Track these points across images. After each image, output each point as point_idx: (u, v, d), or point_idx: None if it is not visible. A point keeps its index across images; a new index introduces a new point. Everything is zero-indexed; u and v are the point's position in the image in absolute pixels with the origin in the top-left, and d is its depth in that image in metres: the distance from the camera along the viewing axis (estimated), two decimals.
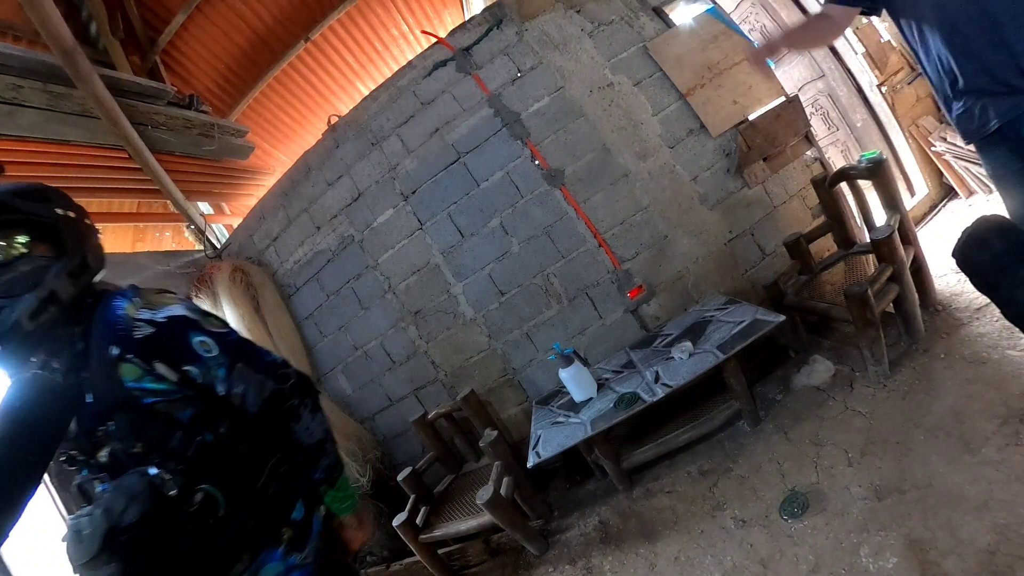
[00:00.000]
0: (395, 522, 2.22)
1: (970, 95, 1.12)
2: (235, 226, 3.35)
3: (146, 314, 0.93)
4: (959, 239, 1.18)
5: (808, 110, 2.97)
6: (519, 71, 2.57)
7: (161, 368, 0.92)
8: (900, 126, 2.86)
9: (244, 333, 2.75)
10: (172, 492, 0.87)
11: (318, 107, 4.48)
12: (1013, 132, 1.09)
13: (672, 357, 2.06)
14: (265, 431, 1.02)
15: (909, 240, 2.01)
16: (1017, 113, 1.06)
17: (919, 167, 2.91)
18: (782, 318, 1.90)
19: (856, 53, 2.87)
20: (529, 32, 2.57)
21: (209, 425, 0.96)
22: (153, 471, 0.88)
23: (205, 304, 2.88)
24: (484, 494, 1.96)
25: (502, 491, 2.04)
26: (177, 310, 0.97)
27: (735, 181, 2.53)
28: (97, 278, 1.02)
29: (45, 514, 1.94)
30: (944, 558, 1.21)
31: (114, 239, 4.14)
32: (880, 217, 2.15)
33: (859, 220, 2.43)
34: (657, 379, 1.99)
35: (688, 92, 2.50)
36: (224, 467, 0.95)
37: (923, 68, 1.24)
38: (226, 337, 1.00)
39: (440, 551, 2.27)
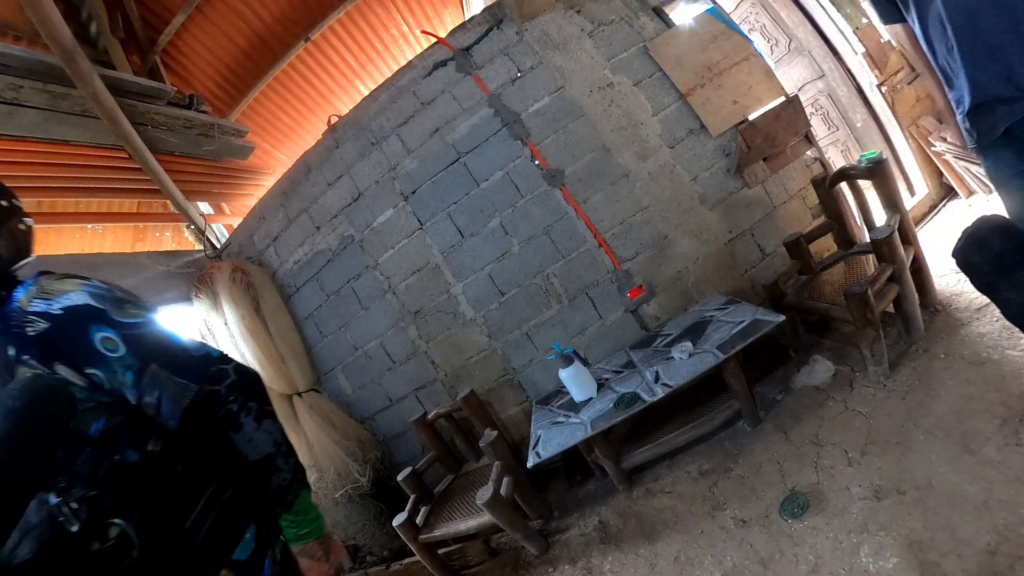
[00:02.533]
0: (395, 522, 2.22)
1: (984, 98, 1.08)
2: (235, 226, 3.35)
3: (40, 305, 0.78)
4: (959, 239, 1.18)
5: (808, 110, 2.97)
6: (519, 71, 2.57)
7: (63, 371, 0.76)
8: (900, 126, 2.86)
9: (244, 333, 2.79)
10: (74, 528, 0.70)
11: (318, 107, 4.47)
12: (1020, 129, 1.07)
13: (672, 357, 2.06)
14: (209, 446, 0.85)
15: (909, 240, 2.01)
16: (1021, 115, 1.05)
17: (919, 167, 2.90)
18: (782, 318, 1.90)
19: (856, 53, 2.87)
20: (529, 32, 2.57)
21: (132, 441, 0.78)
22: (54, 499, 0.72)
23: (204, 304, 2.88)
24: (484, 494, 1.96)
25: (502, 491, 2.04)
26: (77, 298, 0.80)
27: (735, 181, 2.53)
28: (19, 268, 0.89)
29: None
30: (944, 558, 1.21)
31: (114, 239, 4.15)
32: (880, 217, 2.15)
33: (859, 220, 2.42)
34: (657, 379, 1.99)
35: (688, 92, 2.50)
36: (148, 494, 0.77)
37: (935, 65, 1.19)
38: (137, 331, 0.82)
39: (440, 551, 2.27)
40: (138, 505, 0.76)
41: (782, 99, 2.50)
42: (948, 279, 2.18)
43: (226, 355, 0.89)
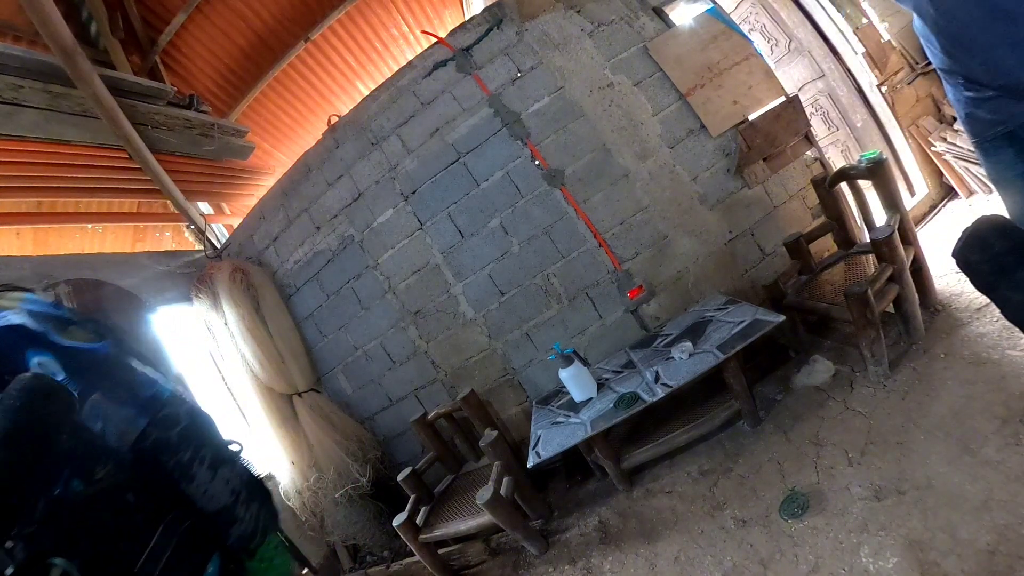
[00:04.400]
0: (395, 522, 2.22)
1: (995, 89, 1.06)
2: (235, 226, 3.36)
3: None
4: (959, 239, 1.18)
5: (808, 110, 2.97)
6: (519, 71, 2.57)
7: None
8: (900, 126, 2.86)
9: (244, 333, 2.79)
10: (8, 571, 0.61)
11: (318, 107, 4.47)
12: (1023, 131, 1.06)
13: (672, 357, 2.06)
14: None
15: (909, 240, 2.01)
16: None
17: (919, 167, 2.90)
18: (782, 318, 1.90)
19: (856, 53, 2.87)
20: (529, 32, 2.57)
21: (77, 469, 0.69)
22: None
23: (204, 304, 2.88)
24: (484, 494, 1.96)
25: (502, 491, 2.04)
26: (14, 317, 0.73)
27: (735, 181, 2.53)
28: None
29: None
30: (944, 558, 1.21)
31: (114, 239, 4.14)
32: (880, 217, 2.15)
33: (859, 220, 2.42)
34: (657, 379, 1.99)
35: (688, 92, 2.50)
36: (95, 529, 0.68)
37: (936, 53, 1.15)
38: (81, 356, 0.74)
39: (440, 551, 2.27)
40: (84, 541, 0.66)
41: (782, 99, 2.50)
42: (948, 279, 2.18)
43: (179, 396, 0.81)
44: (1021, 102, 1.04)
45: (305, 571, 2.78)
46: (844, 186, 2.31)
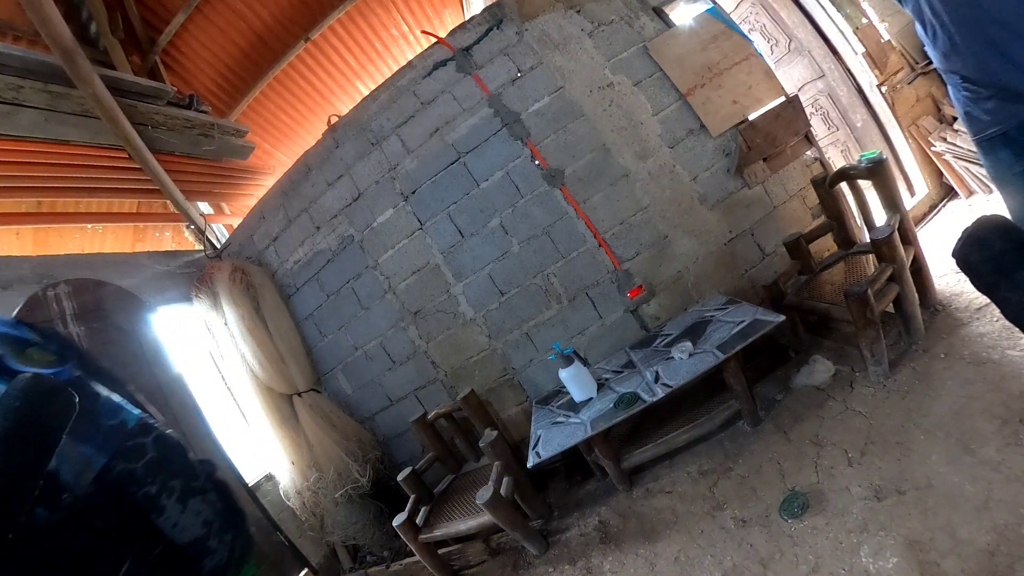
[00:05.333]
0: (395, 522, 2.22)
1: (990, 90, 1.07)
2: (235, 226, 3.35)
3: None
4: (959, 239, 1.18)
5: (808, 110, 2.98)
6: (519, 71, 2.57)
7: None
8: (900, 126, 2.86)
9: (244, 333, 2.79)
10: None
11: (318, 107, 4.47)
12: (1019, 134, 1.07)
13: (672, 357, 2.06)
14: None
15: (909, 240, 2.01)
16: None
17: (919, 167, 2.90)
18: (782, 318, 1.90)
19: (856, 53, 2.87)
20: (529, 32, 2.57)
21: (40, 496, 0.64)
22: None
23: (204, 304, 2.88)
24: (484, 494, 1.96)
25: (502, 491, 2.04)
26: None
27: (735, 181, 2.53)
28: None
29: None
30: (944, 558, 1.21)
31: (114, 239, 4.15)
32: (880, 217, 2.15)
33: (859, 220, 2.42)
34: (657, 379, 1.99)
35: (688, 92, 2.50)
36: (59, 561, 0.63)
37: (934, 53, 1.16)
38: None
39: (440, 551, 2.27)
40: (51, 572, 0.62)
41: (782, 99, 2.50)
42: (948, 279, 2.18)
43: (147, 424, 0.75)
44: (1014, 104, 1.05)
45: (305, 571, 2.78)
46: (844, 186, 2.31)
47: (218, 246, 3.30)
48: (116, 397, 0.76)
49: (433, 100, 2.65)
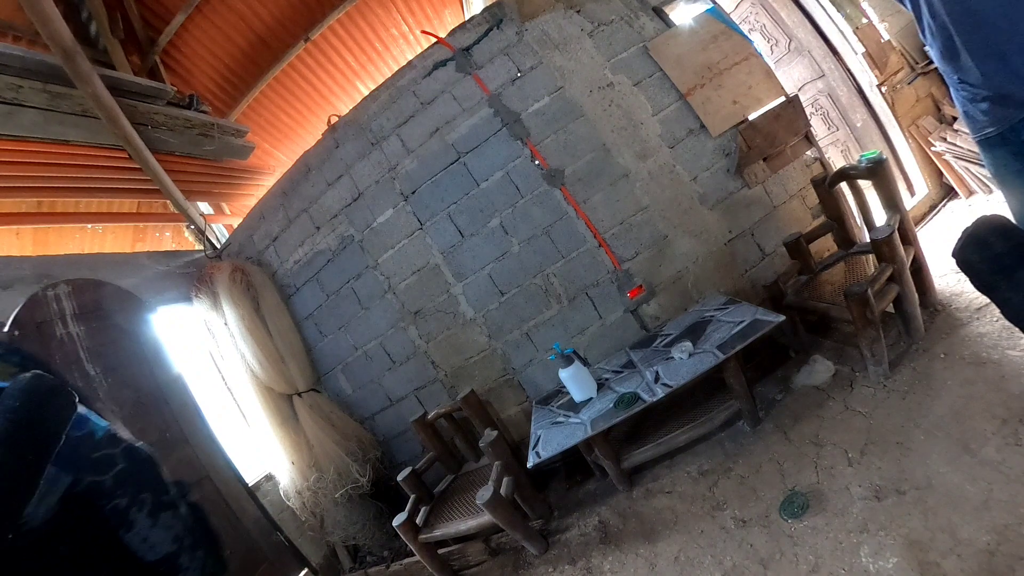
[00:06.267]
0: (395, 522, 2.22)
1: (986, 92, 1.09)
2: (235, 226, 3.36)
3: None
4: (959, 239, 1.18)
5: (808, 110, 2.98)
6: (519, 71, 2.57)
7: None
8: (900, 126, 2.86)
9: (244, 333, 2.79)
10: None
11: (318, 107, 4.47)
12: (1014, 135, 1.09)
13: (672, 357, 2.06)
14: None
15: (909, 240, 2.01)
16: (1018, 118, 1.06)
17: (919, 167, 2.90)
18: (782, 318, 1.90)
19: (856, 53, 2.87)
20: (529, 32, 2.57)
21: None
22: None
23: (204, 304, 2.88)
24: (484, 494, 1.96)
25: (502, 491, 2.04)
26: None
27: (735, 181, 2.53)
28: None
29: None
30: (944, 558, 1.21)
31: (114, 239, 4.15)
32: (880, 217, 2.15)
33: (859, 220, 2.42)
34: (657, 379, 1.99)
35: (688, 92, 2.50)
36: None
37: (934, 53, 1.18)
38: None
39: (440, 551, 2.27)
40: None
41: (782, 99, 2.50)
42: (948, 279, 2.18)
43: (115, 435, 0.69)
44: (1007, 108, 1.07)
45: (305, 571, 2.78)
46: (844, 186, 2.31)
47: (218, 246, 3.30)
48: (83, 409, 0.73)
49: (433, 100, 2.65)
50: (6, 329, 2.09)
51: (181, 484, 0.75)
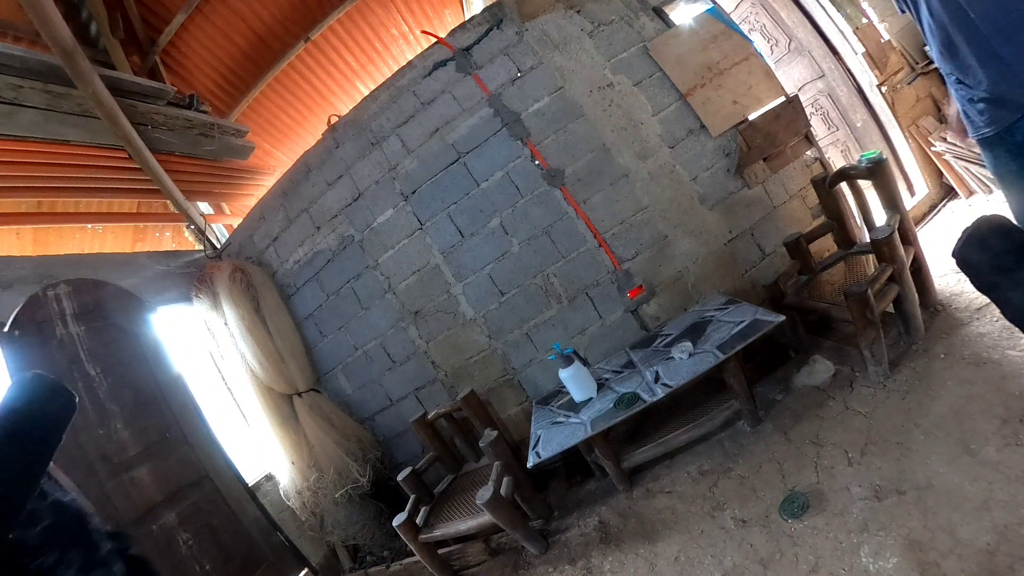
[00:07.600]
0: (395, 522, 2.22)
1: (982, 92, 1.10)
2: (235, 226, 3.35)
3: None
4: (959, 239, 1.18)
5: (808, 110, 2.98)
6: (519, 71, 2.57)
7: None
8: (900, 126, 2.86)
9: (244, 333, 2.79)
10: None
11: (318, 107, 4.48)
12: (1010, 136, 1.10)
13: (672, 357, 2.06)
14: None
15: (909, 240, 2.01)
16: (1014, 119, 1.07)
17: (919, 167, 2.90)
18: (782, 318, 1.90)
19: (856, 53, 2.87)
20: (529, 32, 2.57)
21: None
22: None
23: (204, 304, 2.88)
24: (484, 494, 1.96)
25: (502, 491, 2.04)
26: None
27: (735, 181, 2.53)
28: None
29: None
30: (944, 558, 1.20)
31: (114, 239, 4.15)
32: (880, 217, 2.15)
33: (859, 220, 2.43)
34: (657, 379, 1.99)
35: (688, 92, 2.50)
36: None
37: (933, 54, 1.19)
38: None
39: (440, 551, 2.27)
40: None
41: (782, 99, 2.50)
42: (948, 279, 2.18)
43: (42, 489, 0.65)
44: (1004, 109, 1.08)
45: (305, 571, 2.78)
46: (844, 186, 2.31)
47: (218, 246, 3.30)
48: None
49: (433, 100, 2.65)
50: (6, 329, 2.09)
51: (119, 537, 0.69)
